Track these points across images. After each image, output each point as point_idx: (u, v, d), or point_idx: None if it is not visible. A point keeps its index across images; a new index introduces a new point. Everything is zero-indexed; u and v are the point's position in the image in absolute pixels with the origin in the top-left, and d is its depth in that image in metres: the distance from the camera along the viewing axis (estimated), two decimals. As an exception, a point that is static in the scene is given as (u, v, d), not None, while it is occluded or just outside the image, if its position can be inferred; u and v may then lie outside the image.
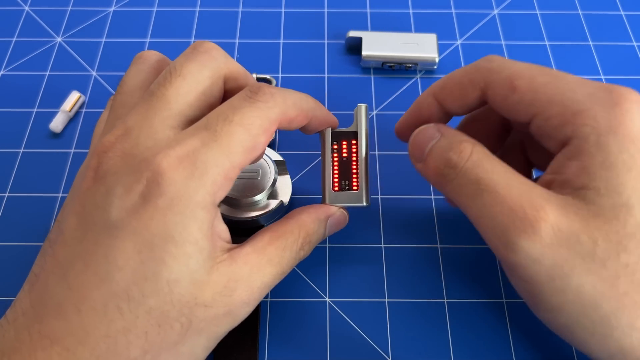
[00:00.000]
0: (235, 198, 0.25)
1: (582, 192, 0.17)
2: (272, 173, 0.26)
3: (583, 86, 0.19)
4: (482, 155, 0.20)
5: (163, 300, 0.18)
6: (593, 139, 0.17)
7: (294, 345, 0.25)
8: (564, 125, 0.18)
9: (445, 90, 0.23)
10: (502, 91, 0.20)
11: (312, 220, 0.23)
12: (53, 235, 0.20)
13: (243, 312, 0.20)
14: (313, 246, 0.23)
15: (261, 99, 0.20)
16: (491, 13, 0.38)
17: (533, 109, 0.19)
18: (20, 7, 0.38)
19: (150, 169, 0.18)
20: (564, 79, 0.19)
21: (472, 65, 0.22)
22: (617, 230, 0.17)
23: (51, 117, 0.32)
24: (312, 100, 0.23)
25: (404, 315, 0.26)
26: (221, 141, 0.19)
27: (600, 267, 0.17)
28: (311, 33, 0.37)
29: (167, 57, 0.24)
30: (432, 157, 0.22)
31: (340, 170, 0.24)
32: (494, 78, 0.21)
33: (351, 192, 0.24)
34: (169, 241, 0.18)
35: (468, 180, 0.20)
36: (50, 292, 0.18)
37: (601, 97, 0.18)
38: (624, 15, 0.38)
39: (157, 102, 0.20)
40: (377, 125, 0.32)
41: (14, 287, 0.26)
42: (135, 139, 0.19)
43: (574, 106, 0.18)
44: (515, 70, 0.20)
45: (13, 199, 0.29)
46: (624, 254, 0.16)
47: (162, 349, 0.18)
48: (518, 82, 0.20)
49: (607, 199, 0.17)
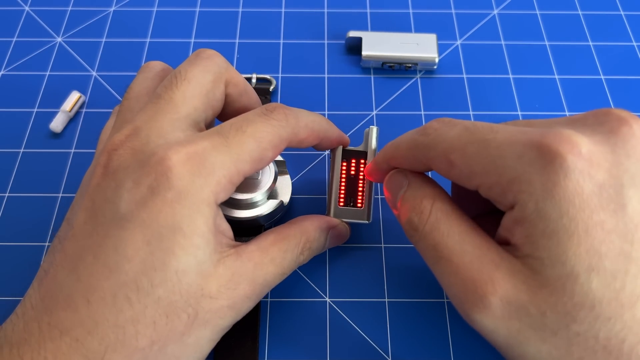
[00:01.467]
0: (235, 198, 0.25)
1: (528, 260, 0.17)
2: (272, 173, 0.26)
3: (511, 147, 0.17)
4: (440, 215, 0.19)
5: (171, 291, 0.18)
6: (532, 206, 0.17)
7: (294, 345, 0.25)
8: (504, 194, 0.17)
9: (396, 162, 0.22)
10: (443, 167, 0.20)
11: (315, 228, 0.24)
12: (62, 232, 0.20)
13: (245, 307, 0.21)
14: (313, 253, 0.24)
15: (275, 117, 0.21)
16: (491, 13, 0.38)
17: (474, 182, 0.19)
18: (20, 7, 0.38)
19: (160, 163, 0.19)
20: (492, 142, 0.18)
21: (412, 139, 0.21)
22: (565, 302, 0.16)
23: (51, 117, 0.32)
24: (325, 122, 0.24)
25: (404, 315, 0.26)
26: (231, 147, 0.20)
27: (552, 336, 0.16)
28: (311, 33, 0.37)
29: (170, 67, 0.25)
30: (401, 211, 0.21)
31: (347, 187, 0.26)
32: (431, 155, 0.20)
33: (355, 209, 0.25)
34: (177, 233, 0.18)
35: (427, 245, 0.19)
36: (60, 285, 0.18)
37: (531, 157, 0.17)
38: (624, 15, 0.38)
39: (165, 105, 0.21)
40: (377, 125, 0.32)
41: (15, 287, 0.26)
42: (146, 137, 0.20)
43: (507, 174, 0.17)
44: (448, 143, 0.19)
45: (13, 199, 0.29)
46: (573, 324, 0.16)
47: (169, 339, 0.18)
48: (452, 156, 0.19)
49: (552, 270, 0.16)
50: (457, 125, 0.19)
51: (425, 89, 0.34)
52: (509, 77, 0.35)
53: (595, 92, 0.34)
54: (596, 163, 0.16)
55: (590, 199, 0.16)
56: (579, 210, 0.16)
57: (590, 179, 0.16)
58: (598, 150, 0.17)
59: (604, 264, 0.16)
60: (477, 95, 0.34)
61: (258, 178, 0.26)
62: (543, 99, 0.34)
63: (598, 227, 0.16)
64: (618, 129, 0.17)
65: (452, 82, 0.34)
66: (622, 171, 0.16)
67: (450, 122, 0.20)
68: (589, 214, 0.16)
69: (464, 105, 0.33)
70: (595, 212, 0.16)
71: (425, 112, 0.33)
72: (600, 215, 0.16)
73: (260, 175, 0.26)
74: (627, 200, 0.16)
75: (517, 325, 0.17)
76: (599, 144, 0.17)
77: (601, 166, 0.16)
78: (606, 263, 0.16)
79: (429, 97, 0.34)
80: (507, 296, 0.17)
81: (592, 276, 0.16)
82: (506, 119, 0.33)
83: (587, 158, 0.16)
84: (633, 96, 0.34)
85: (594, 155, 0.16)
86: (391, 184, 0.22)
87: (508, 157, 0.17)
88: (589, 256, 0.16)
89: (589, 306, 0.16)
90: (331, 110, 0.33)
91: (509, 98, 0.34)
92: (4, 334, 0.18)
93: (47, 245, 0.28)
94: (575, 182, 0.16)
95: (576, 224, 0.16)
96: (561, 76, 0.35)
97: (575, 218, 0.16)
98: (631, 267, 0.16)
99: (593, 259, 0.16)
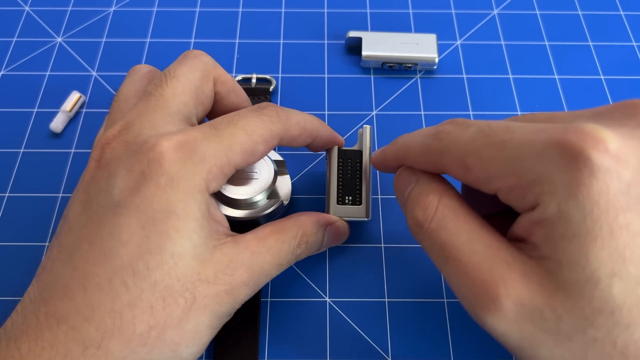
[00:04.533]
0: (235, 198, 0.25)
1: (545, 262, 0.16)
2: (272, 173, 0.26)
3: (530, 147, 0.16)
4: (447, 212, 0.18)
5: (167, 274, 0.18)
6: (553, 207, 0.16)
7: (294, 345, 0.25)
8: (525, 196, 0.17)
9: (408, 163, 0.21)
10: (459, 172, 0.19)
11: (311, 223, 0.24)
12: (59, 229, 0.20)
13: (243, 294, 0.21)
14: (310, 248, 0.24)
15: (267, 114, 0.22)
16: (491, 13, 0.38)
17: (492, 185, 0.18)
18: (20, 7, 0.38)
19: (152, 149, 0.19)
20: (509, 144, 0.17)
21: (424, 144, 0.20)
22: (582, 306, 0.15)
23: (51, 117, 0.32)
24: (318, 121, 0.25)
25: (404, 315, 0.26)
26: (222, 137, 0.21)
27: (568, 340, 0.16)
28: (311, 33, 0.37)
29: (157, 69, 0.26)
30: (408, 207, 0.20)
31: (344, 186, 0.26)
32: (446, 161, 0.19)
33: (354, 207, 0.26)
34: (171, 216, 0.19)
35: (433, 244, 0.18)
36: (57, 276, 0.18)
37: (553, 156, 0.16)
38: (624, 15, 0.38)
39: (156, 101, 0.22)
40: (377, 125, 0.32)
41: (15, 287, 0.26)
42: (138, 130, 0.21)
43: (527, 176, 0.16)
44: (462, 148, 0.18)
45: (13, 199, 0.29)
46: (590, 329, 0.15)
47: (167, 324, 0.18)
48: (468, 161, 0.18)
49: (570, 273, 0.15)
50: (471, 127, 0.18)
51: (425, 89, 0.34)
52: (509, 77, 0.35)
53: (595, 92, 0.34)
54: (624, 160, 0.15)
55: (617, 199, 0.15)
56: (604, 212, 0.15)
57: (617, 177, 0.15)
58: (626, 145, 0.15)
59: (628, 268, 0.15)
60: (477, 95, 0.34)
61: (258, 178, 0.26)
62: (543, 99, 0.34)
63: (624, 229, 0.15)
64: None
65: (452, 82, 0.34)
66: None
67: (465, 124, 0.19)
68: (615, 215, 0.15)
69: (464, 105, 0.33)
70: (622, 213, 0.15)
71: (425, 112, 0.33)
72: (626, 217, 0.15)
73: (260, 175, 0.26)
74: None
75: (531, 328, 0.16)
76: (626, 139, 0.16)
77: (629, 163, 0.15)
78: (630, 268, 0.15)
79: (429, 97, 0.34)
80: (521, 298, 0.16)
81: (614, 281, 0.15)
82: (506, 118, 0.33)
83: (614, 155, 0.15)
84: (633, 96, 0.34)
85: (622, 152, 0.15)
86: (400, 182, 0.21)
87: (527, 158, 0.16)
88: (612, 260, 0.15)
89: (609, 312, 0.15)
90: (331, 110, 0.33)
91: (509, 98, 0.34)
92: (4, 330, 0.18)
93: (47, 245, 0.28)
94: (602, 181, 0.15)
95: (600, 226, 0.15)
96: (561, 76, 0.35)
97: (599, 220, 0.15)
98: None
99: (616, 264, 0.15)
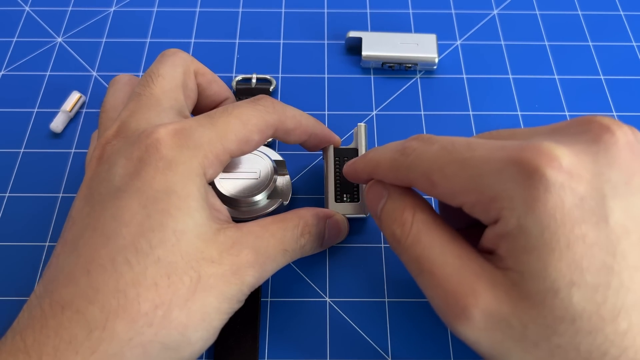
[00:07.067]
0: (235, 198, 0.25)
1: (510, 273, 0.17)
2: (272, 173, 0.26)
3: (490, 165, 0.17)
4: (421, 226, 0.19)
5: (170, 251, 0.18)
6: (513, 222, 0.16)
7: (294, 345, 0.25)
8: (487, 211, 0.17)
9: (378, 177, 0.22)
10: (425, 187, 0.19)
11: (311, 215, 0.24)
12: (64, 228, 0.21)
13: (250, 276, 0.20)
14: (314, 239, 0.23)
15: (262, 104, 0.23)
16: (491, 13, 0.38)
17: (456, 200, 0.18)
18: (20, 7, 0.38)
19: (149, 136, 0.20)
20: (470, 161, 0.18)
21: (392, 159, 0.21)
22: (545, 315, 0.16)
23: (51, 117, 0.32)
24: (313, 119, 0.25)
25: (404, 315, 0.26)
26: (217, 125, 0.21)
27: (534, 347, 0.16)
28: (311, 33, 0.37)
29: (137, 76, 0.27)
30: (383, 222, 0.21)
31: (341, 183, 0.26)
32: (412, 177, 0.20)
33: (352, 204, 0.26)
34: (172, 195, 0.19)
35: (410, 258, 0.19)
36: (61, 266, 0.19)
37: (511, 173, 0.16)
38: (624, 16, 0.38)
39: (147, 100, 0.22)
40: (377, 125, 0.32)
41: (15, 287, 0.26)
42: (135, 126, 0.21)
43: (487, 192, 0.17)
44: (427, 164, 0.19)
45: (13, 199, 0.29)
46: (554, 336, 0.16)
47: (173, 303, 0.18)
48: (433, 177, 0.19)
49: (532, 284, 0.16)
50: (435, 143, 0.19)
51: (425, 89, 0.34)
52: (509, 77, 0.35)
53: (595, 92, 0.34)
54: (577, 175, 0.16)
55: (572, 213, 0.16)
56: (560, 225, 0.16)
57: (571, 191, 0.16)
58: (579, 161, 0.16)
59: (585, 278, 0.16)
60: (476, 95, 0.34)
61: (258, 178, 0.26)
62: (543, 99, 0.34)
63: (579, 240, 0.16)
64: (600, 137, 0.17)
65: (452, 82, 0.34)
66: (604, 181, 0.16)
67: (429, 140, 0.19)
68: (571, 227, 0.16)
69: (464, 105, 0.33)
70: (577, 225, 0.16)
71: (425, 112, 0.33)
72: (581, 229, 0.16)
73: (260, 175, 0.26)
74: (609, 212, 0.16)
75: (500, 336, 0.17)
76: (579, 155, 0.16)
77: (582, 178, 0.16)
78: (587, 277, 0.16)
79: (429, 97, 0.34)
80: (489, 308, 0.17)
81: (572, 290, 0.15)
82: (506, 118, 0.33)
83: (567, 170, 0.16)
84: (633, 96, 0.34)
85: (575, 167, 0.16)
86: (371, 194, 0.22)
87: (487, 175, 0.17)
88: (570, 271, 0.16)
89: (570, 320, 0.16)
90: (331, 110, 0.33)
91: (509, 98, 0.34)
92: (12, 328, 0.18)
93: (47, 245, 0.28)
94: (557, 196, 0.16)
95: (557, 239, 0.16)
96: (561, 76, 0.35)
97: (556, 233, 0.16)
98: (613, 280, 0.15)
99: (574, 274, 0.16)
